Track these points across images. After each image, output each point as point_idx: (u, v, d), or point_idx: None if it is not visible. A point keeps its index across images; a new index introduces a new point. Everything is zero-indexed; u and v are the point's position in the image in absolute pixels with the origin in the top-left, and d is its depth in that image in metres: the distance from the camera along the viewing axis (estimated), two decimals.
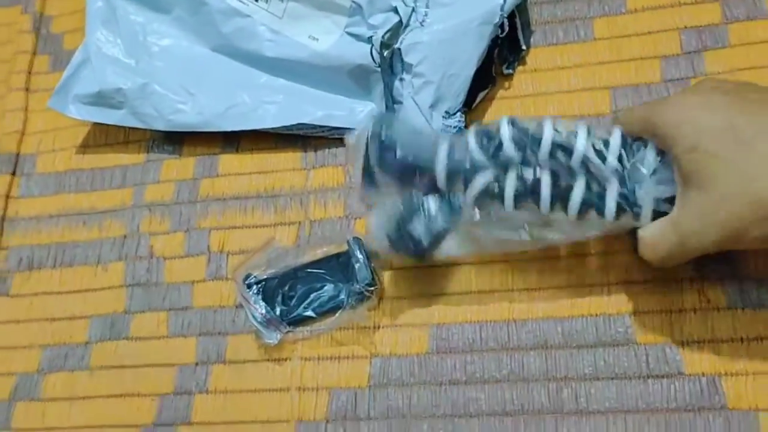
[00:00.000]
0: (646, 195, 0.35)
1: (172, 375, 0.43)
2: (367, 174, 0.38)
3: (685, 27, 0.45)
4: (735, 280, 0.38)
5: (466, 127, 0.44)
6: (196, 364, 0.43)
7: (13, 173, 0.52)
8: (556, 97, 0.45)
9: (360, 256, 0.41)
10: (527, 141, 0.36)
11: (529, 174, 0.36)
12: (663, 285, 0.39)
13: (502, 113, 0.45)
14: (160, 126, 0.48)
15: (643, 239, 0.35)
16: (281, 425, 0.40)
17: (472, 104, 0.44)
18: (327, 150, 0.47)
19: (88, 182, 0.51)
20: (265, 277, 0.42)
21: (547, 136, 0.36)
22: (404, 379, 0.40)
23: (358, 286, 0.40)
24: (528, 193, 0.36)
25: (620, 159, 0.35)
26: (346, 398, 0.40)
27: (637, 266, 0.40)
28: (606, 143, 0.35)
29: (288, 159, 0.48)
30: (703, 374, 0.37)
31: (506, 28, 0.44)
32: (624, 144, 0.35)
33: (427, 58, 0.42)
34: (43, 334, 0.46)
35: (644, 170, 0.35)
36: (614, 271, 0.40)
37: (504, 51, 0.46)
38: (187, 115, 0.47)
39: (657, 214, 0.35)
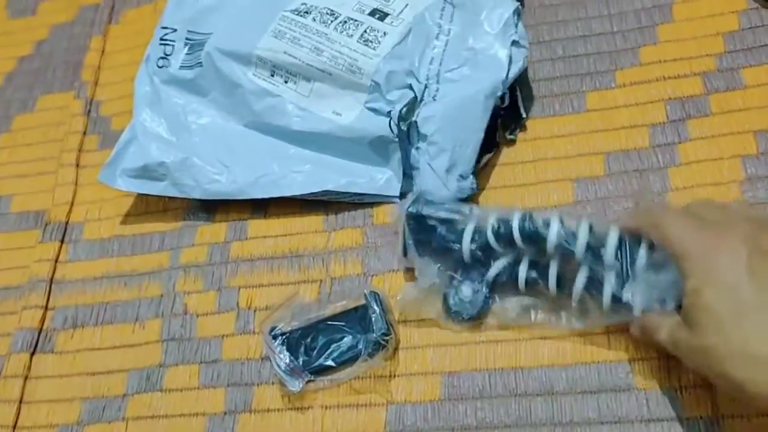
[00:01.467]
0: (637, 293, 0.39)
1: (202, 424, 0.46)
2: (404, 247, 0.45)
3: (670, 98, 0.49)
4: None
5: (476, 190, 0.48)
6: (225, 413, 0.46)
7: (62, 240, 0.57)
8: (554, 163, 0.50)
9: (376, 308, 0.44)
10: (536, 236, 0.41)
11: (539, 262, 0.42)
12: None
13: (506, 177, 0.50)
14: (198, 195, 0.53)
15: (642, 322, 0.38)
16: None
17: (478, 165, 0.49)
18: (347, 213, 0.52)
19: (129, 247, 0.56)
20: (289, 329, 0.46)
21: (553, 233, 0.41)
22: (419, 425, 0.43)
23: (374, 336, 0.43)
24: (537, 278, 0.42)
25: (616, 256, 0.39)
26: None
27: None
28: (604, 239, 0.40)
29: (311, 222, 0.52)
30: (701, 417, 0.39)
31: (507, 100, 0.49)
32: (620, 243, 0.40)
33: (441, 128, 0.47)
34: (83, 387, 0.50)
35: (637, 269, 0.39)
36: None
37: (506, 119, 0.51)
38: (222, 185, 0.52)
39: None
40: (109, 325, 0.52)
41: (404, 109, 0.48)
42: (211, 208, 0.55)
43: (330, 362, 0.44)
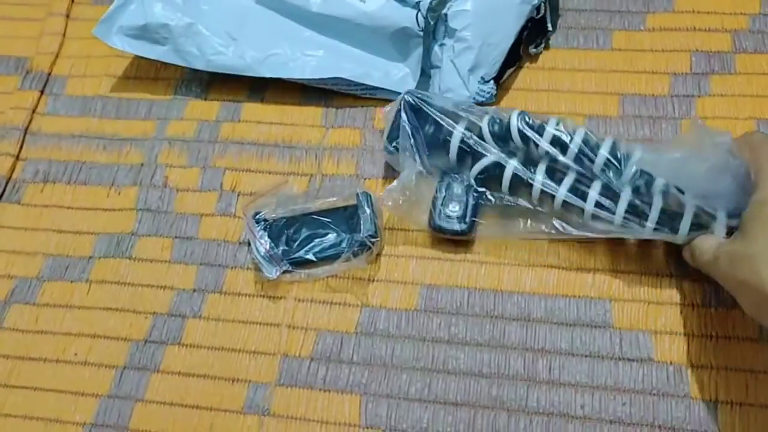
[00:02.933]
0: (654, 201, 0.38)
1: (168, 297, 0.45)
2: (393, 137, 0.43)
3: (697, 50, 0.48)
4: (712, 281, 0.40)
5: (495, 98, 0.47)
6: (194, 290, 0.45)
7: (42, 91, 0.54)
8: (569, 96, 0.48)
9: (367, 209, 0.43)
10: (531, 134, 0.40)
11: (528, 164, 0.41)
12: (645, 277, 0.42)
13: (518, 102, 0.48)
14: (200, 65, 0.50)
15: (694, 245, 0.38)
16: (267, 357, 0.42)
17: (500, 79, 0.47)
18: (347, 111, 0.50)
19: (113, 110, 0.53)
20: (273, 217, 0.44)
21: (549, 131, 0.40)
22: (390, 331, 0.42)
23: (361, 237, 0.42)
24: (524, 181, 0.41)
25: (606, 164, 0.39)
26: (332, 341, 0.42)
27: (623, 256, 0.43)
28: (597, 147, 0.39)
29: (309, 115, 0.50)
30: (671, 363, 0.39)
31: (542, 11, 0.47)
32: (614, 152, 0.39)
33: (471, 25, 0.45)
34: (48, 243, 0.48)
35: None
36: (600, 258, 0.43)
37: (532, 33, 0.49)
38: (228, 59, 0.49)
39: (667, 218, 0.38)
40: (82, 185, 0.50)
41: (435, 1, 0.45)
42: (205, 84, 0.52)
43: (310, 256, 0.43)
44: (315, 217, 0.44)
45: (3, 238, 0.48)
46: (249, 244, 0.44)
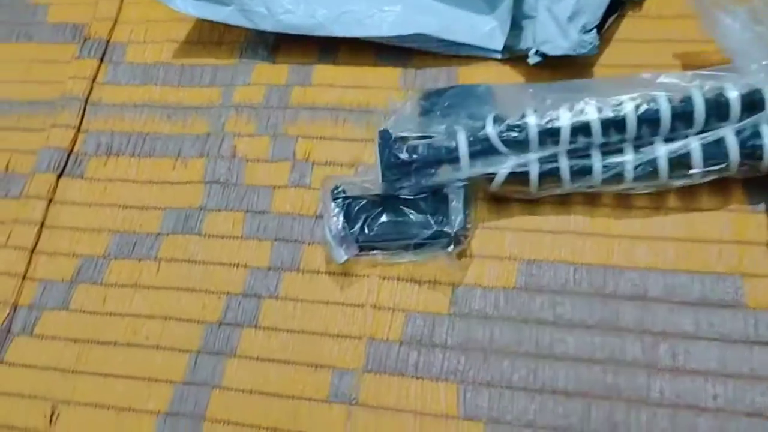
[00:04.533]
0: None
1: (242, 276, 0.41)
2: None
3: None
4: None
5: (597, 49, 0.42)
6: (269, 268, 0.41)
7: (102, 59, 0.51)
8: (680, 46, 0.43)
9: (460, 198, 0.38)
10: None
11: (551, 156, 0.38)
12: None
13: (622, 55, 0.43)
14: (268, 26, 0.46)
15: None
16: (351, 341, 0.39)
17: (602, 29, 0.42)
18: (429, 72, 0.45)
19: (176, 77, 0.49)
20: (353, 195, 0.40)
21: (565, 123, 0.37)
22: (487, 311, 0.38)
23: (451, 230, 0.38)
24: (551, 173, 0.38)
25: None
26: (422, 323, 0.38)
27: (754, 225, 0.37)
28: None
29: (386, 76, 0.46)
30: None
31: None
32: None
33: None
34: (113, 219, 0.45)
35: None
36: (731, 229, 0.37)
37: None
38: (298, 18, 0.45)
39: None
40: (147, 157, 0.47)
41: None
42: (273, 46, 0.49)
43: (388, 244, 0.39)
44: (399, 201, 0.40)
45: (67, 214, 0.46)
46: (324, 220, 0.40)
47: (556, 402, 0.35)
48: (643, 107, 0.37)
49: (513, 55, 0.43)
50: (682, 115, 0.37)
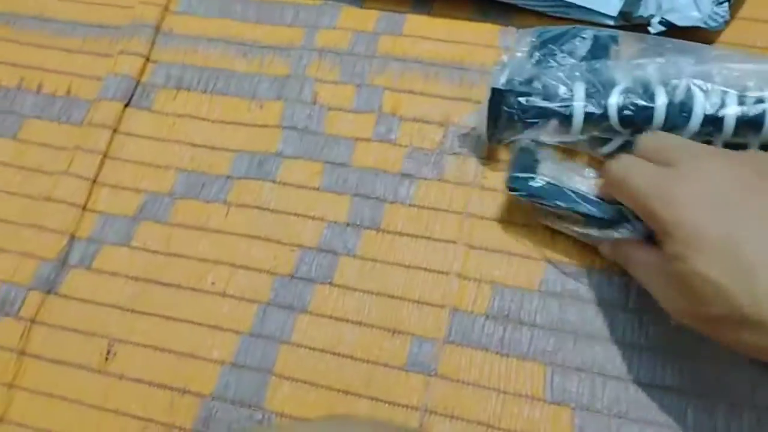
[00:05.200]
0: None
1: (319, 230, 0.39)
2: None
3: None
4: None
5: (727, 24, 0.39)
6: (347, 224, 0.39)
7: None
8: None
9: None
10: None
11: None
12: None
13: (749, 37, 0.40)
14: None
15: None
16: (433, 309, 0.36)
17: (731, 1, 0.39)
18: (530, 32, 0.42)
19: (254, 13, 0.46)
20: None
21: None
22: (580, 293, 0.36)
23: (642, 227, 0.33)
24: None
25: None
26: (511, 297, 0.36)
27: None
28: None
29: (484, 32, 0.43)
30: None
31: None
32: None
33: None
34: (181, 157, 0.42)
35: None
36: None
37: None
38: None
39: None
40: (219, 95, 0.44)
41: None
42: None
43: (571, 198, 0.34)
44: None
45: (132, 146, 0.43)
46: None
47: (651, 396, 0.33)
48: None
49: (630, 23, 0.40)
50: None
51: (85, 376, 0.37)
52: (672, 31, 0.39)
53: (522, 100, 0.36)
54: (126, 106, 0.44)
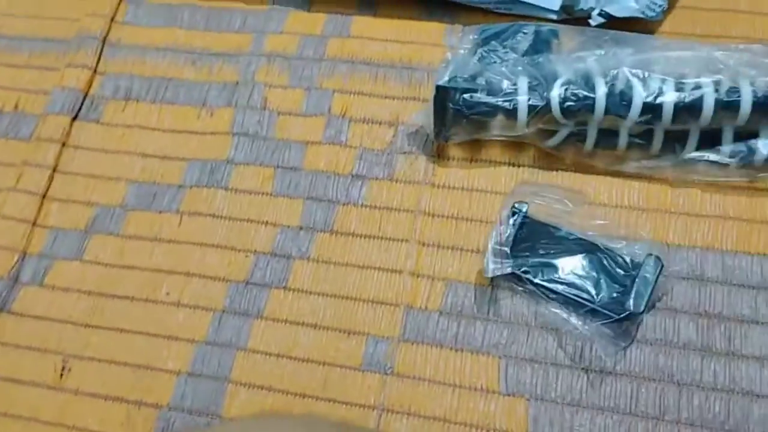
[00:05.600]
0: None
1: (271, 235, 0.39)
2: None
3: None
4: None
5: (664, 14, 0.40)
6: (300, 228, 0.39)
7: None
8: (747, 18, 0.40)
9: (649, 278, 0.33)
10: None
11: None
12: None
13: (686, 26, 0.41)
14: None
15: None
16: (387, 308, 0.36)
17: None
18: (475, 29, 0.42)
19: (202, 20, 0.46)
20: (531, 216, 0.36)
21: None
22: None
23: (629, 308, 0.33)
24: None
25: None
26: (464, 293, 0.36)
27: None
28: None
29: (431, 31, 0.43)
30: None
31: None
32: None
33: None
34: (132, 168, 0.42)
35: None
36: None
37: None
38: None
39: None
40: (169, 104, 0.44)
41: None
42: None
43: (546, 288, 0.34)
44: (577, 240, 0.35)
45: (81, 160, 0.43)
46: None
47: (603, 382, 0.34)
48: (723, 93, 0.34)
49: (571, 16, 0.40)
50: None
51: (40, 393, 0.37)
52: (613, 22, 0.40)
53: (467, 96, 0.36)
54: (74, 119, 0.44)
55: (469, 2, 0.42)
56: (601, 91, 0.35)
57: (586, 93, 0.35)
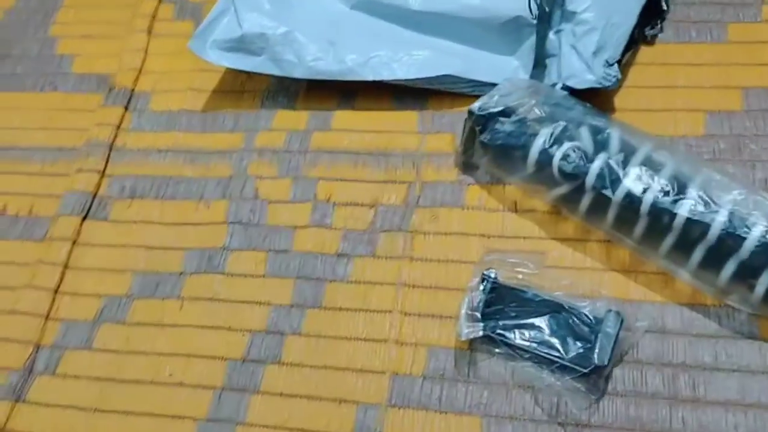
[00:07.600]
0: None
1: (265, 314, 0.42)
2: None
3: None
4: None
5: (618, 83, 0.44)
6: (291, 306, 0.42)
7: (126, 107, 0.53)
8: (686, 92, 0.45)
9: (611, 332, 0.36)
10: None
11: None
12: None
13: (632, 101, 0.45)
14: (299, 74, 0.48)
15: None
16: (375, 376, 0.39)
17: (620, 63, 0.44)
18: (445, 116, 0.47)
19: (199, 124, 0.51)
20: (500, 281, 0.39)
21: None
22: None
23: (594, 362, 0.35)
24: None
25: None
26: (445, 357, 0.39)
27: None
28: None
29: (404, 121, 0.48)
30: None
31: None
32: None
33: (592, 6, 0.43)
34: (136, 260, 0.46)
35: None
36: None
37: (647, 15, 0.46)
38: (328, 63, 0.47)
39: None
40: (170, 200, 0.48)
41: None
42: (293, 93, 0.51)
43: (518, 342, 0.37)
44: (542, 301, 0.38)
45: (91, 256, 0.47)
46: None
47: None
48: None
49: None
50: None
51: None
52: (575, 94, 0.44)
53: (493, 123, 0.41)
54: (84, 219, 0.48)
55: (446, 89, 0.47)
56: (597, 164, 0.38)
57: (584, 165, 0.38)
